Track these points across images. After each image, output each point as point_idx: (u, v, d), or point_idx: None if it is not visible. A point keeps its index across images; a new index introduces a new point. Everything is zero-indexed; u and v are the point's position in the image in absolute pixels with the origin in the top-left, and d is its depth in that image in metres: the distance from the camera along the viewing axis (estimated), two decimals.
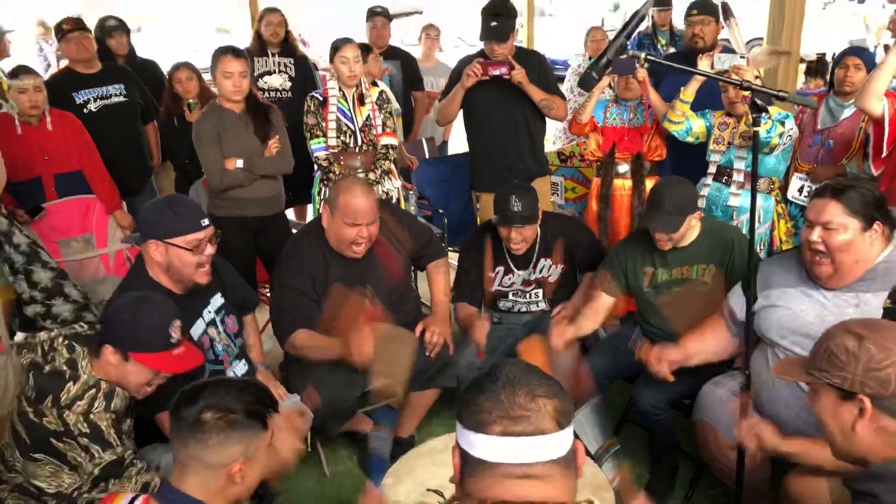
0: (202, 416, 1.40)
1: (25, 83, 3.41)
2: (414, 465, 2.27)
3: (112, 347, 1.79)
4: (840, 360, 1.41)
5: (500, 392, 1.04)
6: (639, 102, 3.61)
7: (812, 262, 2.11)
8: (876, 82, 2.87)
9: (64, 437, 1.70)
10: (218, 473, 1.41)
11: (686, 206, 2.58)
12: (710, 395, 2.44)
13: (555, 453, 1.03)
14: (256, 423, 1.46)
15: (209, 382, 1.48)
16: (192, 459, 1.41)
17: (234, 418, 1.42)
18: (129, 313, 1.81)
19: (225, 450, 1.41)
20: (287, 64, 4.41)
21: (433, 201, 4.46)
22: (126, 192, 4.00)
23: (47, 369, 1.74)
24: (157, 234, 2.17)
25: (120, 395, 1.80)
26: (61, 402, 1.72)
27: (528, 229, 2.83)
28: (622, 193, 3.65)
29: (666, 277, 2.72)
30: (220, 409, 1.41)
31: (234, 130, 3.25)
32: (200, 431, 1.39)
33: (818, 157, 3.47)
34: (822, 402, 1.46)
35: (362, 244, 2.63)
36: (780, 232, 3.43)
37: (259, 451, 1.48)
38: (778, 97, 1.99)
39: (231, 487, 1.44)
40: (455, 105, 3.63)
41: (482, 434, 1.03)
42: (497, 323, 3.17)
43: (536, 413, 1.02)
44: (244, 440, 1.43)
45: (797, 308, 2.17)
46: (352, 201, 2.56)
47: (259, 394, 1.50)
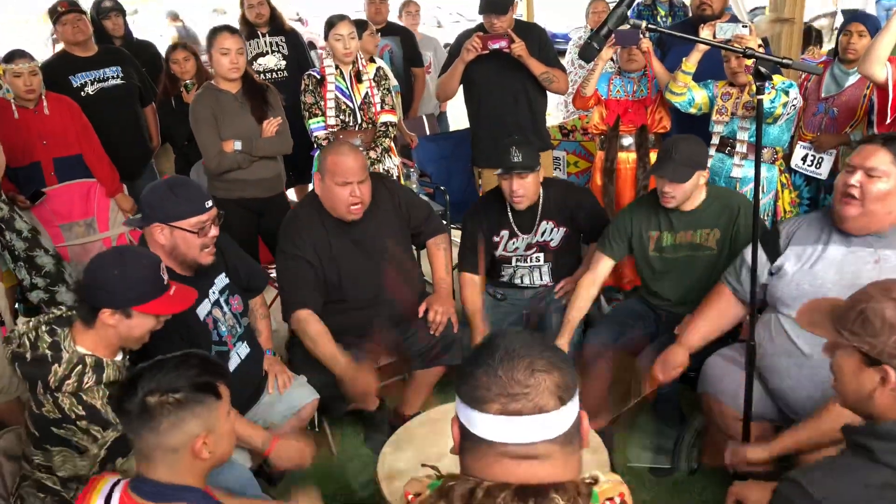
0: (146, 402, 1.35)
1: (20, 67, 3.39)
2: (414, 433, 2.28)
3: (110, 309, 1.75)
4: (874, 326, 1.36)
5: (498, 367, 0.99)
6: (642, 74, 3.57)
7: (842, 202, 2.08)
8: (879, 47, 2.82)
9: (63, 424, 1.70)
10: (182, 454, 1.38)
11: (696, 160, 2.58)
12: (715, 367, 2.44)
13: (555, 431, 0.98)
14: (206, 395, 1.41)
15: (144, 367, 1.42)
16: (151, 448, 1.37)
17: (181, 396, 1.37)
18: (115, 270, 1.76)
19: (181, 430, 1.37)
20: (279, 42, 4.36)
21: (434, 178, 4.43)
22: (126, 176, 3.99)
23: (29, 357, 1.72)
24: (161, 218, 2.15)
25: (111, 365, 1.78)
26: (51, 385, 1.70)
27: (529, 179, 2.84)
28: (626, 166, 3.62)
29: (671, 241, 2.72)
30: (162, 390, 1.36)
31: (231, 111, 3.23)
32: (150, 418, 1.35)
33: (822, 125, 3.44)
34: (844, 360, 1.42)
35: (357, 203, 2.63)
36: (784, 202, 3.41)
37: (219, 421, 1.44)
38: (782, 64, 1.96)
39: (201, 462, 1.41)
40: (455, 80, 3.60)
41: (480, 412, 0.99)
42: (500, 299, 3.16)
43: (536, 389, 0.97)
44: (199, 415, 1.39)
45: (817, 267, 2.16)
46: (339, 160, 2.59)
47: (202, 365, 1.45)
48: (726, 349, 2.49)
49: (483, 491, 0.96)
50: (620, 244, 2.79)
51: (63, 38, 3.96)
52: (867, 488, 1.29)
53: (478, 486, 0.97)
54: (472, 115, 3.78)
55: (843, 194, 2.08)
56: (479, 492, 0.96)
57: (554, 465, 0.99)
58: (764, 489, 1.78)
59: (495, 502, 0.95)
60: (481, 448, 1.00)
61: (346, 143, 2.72)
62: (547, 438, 0.98)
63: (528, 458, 0.98)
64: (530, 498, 0.95)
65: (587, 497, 0.98)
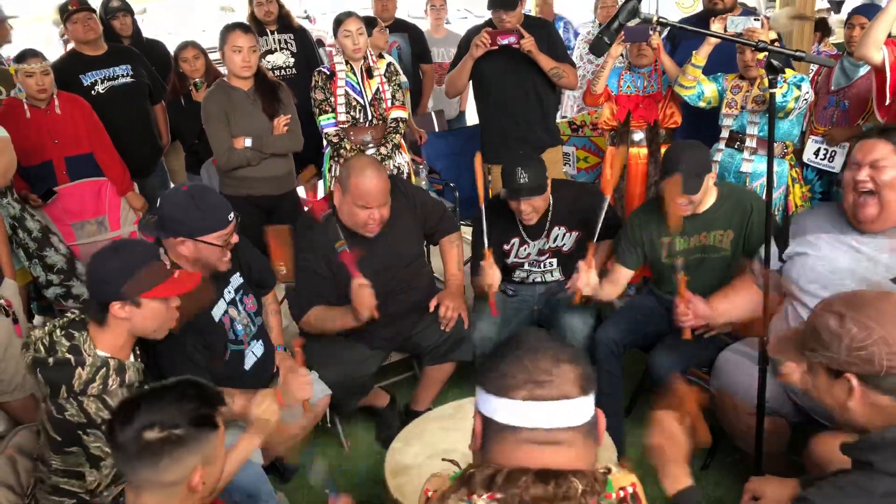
0: (144, 437, 1.29)
1: (32, 67, 3.40)
2: (422, 429, 2.29)
3: (119, 303, 1.74)
4: (824, 339, 1.41)
5: (524, 357, 1.04)
6: (652, 69, 3.55)
7: (857, 203, 2.08)
8: (875, 31, 2.84)
9: (88, 429, 1.69)
10: (178, 488, 1.34)
11: (702, 167, 2.55)
12: (729, 362, 2.43)
13: (578, 419, 1.03)
14: (206, 429, 1.36)
15: (142, 396, 1.37)
16: (145, 482, 1.32)
17: (181, 433, 1.31)
18: (115, 262, 1.76)
19: (181, 466, 1.32)
20: (287, 40, 4.37)
21: (444, 175, 4.42)
22: (137, 174, 4.00)
23: (51, 361, 1.71)
24: (186, 233, 2.11)
25: (131, 367, 1.78)
26: (75, 389, 1.69)
27: (537, 200, 2.79)
28: (637, 162, 3.60)
29: (684, 246, 2.69)
30: (162, 426, 1.30)
31: (243, 109, 3.23)
32: (149, 455, 1.30)
33: (833, 118, 3.42)
34: (816, 379, 1.48)
35: (374, 226, 2.62)
36: (796, 196, 3.39)
37: (216, 451, 1.40)
38: (795, 57, 1.94)
39: (193, 495, 1.37)
40: (464, 76, 3.59)
41: (506, 399, 1.02)
42: (512, 295, 3.16)
43: (560, 378, 1.02)
44: (198, 450, 1.34)
45: (831, 254, 2.16)
46: (363, 184, 2.54)
47: (200, 396, 1.38)
48: (739, 344, 2.48)
49: (504, 476, 0.98)
50: (634, 253, 2.76)
51: (73, 37, 3.97)
52: (871, 497, 1.34)
53: (498, 471, 0.99)
54: (482, 111, 3.78)
55: (855, 193, 2.07)
56: (500, 477, 0.99)
57: (575, 452, 1.02)
58: (781, 485, 1.77)
59: (516, 486, 0.97)
60: (505, 436, 1.03)
61: (371, 164, 2.64)
62: (570, 425, 1.02)
63: (551, 445, 1.01)
64: (551, 481, 0.97)
65: (603, 484, 1.02)
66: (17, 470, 1.88)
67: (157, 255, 1.84)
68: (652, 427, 1.57)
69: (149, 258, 1.82)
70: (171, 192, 2.25)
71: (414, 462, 2.11)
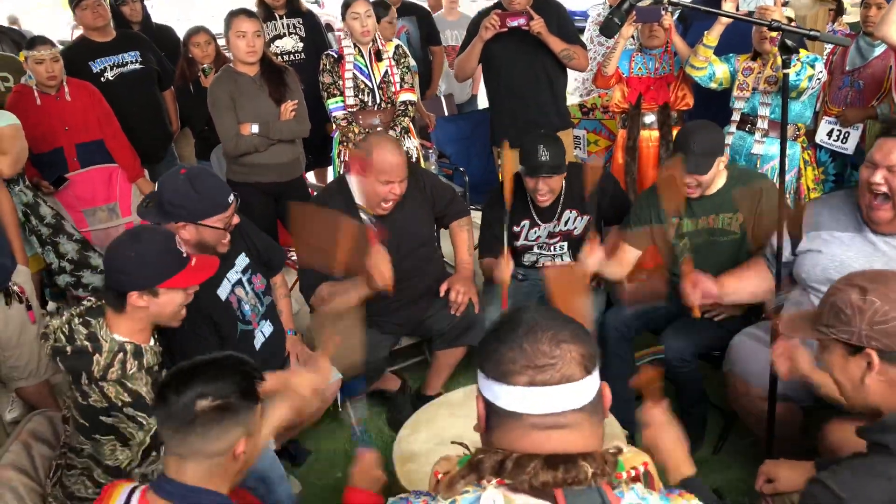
0: (197, 407, 1.33)
1: (42, 54, 3.40)
2: (432, 415, 2.29)
3: (137, 292, 1.75)
4: (845, 314, 1.40)
5: (523, 340, 1.00)
6: (664, 51, 3.51)
7: (871, 205, 2.04)
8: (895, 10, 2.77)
9: (111, 412, 1.71)
10: (222, 459, 1.38)
11: (714, 148, 2.53)
12: (742, 346, 2.41)
13: (582, 399, 1.00)
14: (251, 401, 1.41)
15: (192, 368, 1.40)
16: (192, 452, 1.36)
17: (231, 403, 1.36)
18: (132, 252, 1.76)
19: (228, 436, 1.37)
20: (296, 24, 4.34)
21: (454, 159, 4.41)
22: (147, 160, 4.01)
23: (69, 350, 1.73)
24: (187, 217, 2.13)
25: (149, 351, 1.80)
26: (95, 375, 1.71)
27: (555, 179, 2.78)
28: (649, 145, 3.57)
29: (692, 227, 2.67)
30: (214, 396, 1.35)
31: (249, 94, 3.22)
32: (200, 425, 1.34)
33: (848, 98, 3.37)
34: (830, 357, 1.47)
35: (391, 201, 2.63)
36: (808, 179, 3.36)
37: (258, 424, 1.45)
38: (809, 37, 1.91)
39: (235, 466, 1.41)
40: (473, 59, 3.57)
41: (507, 385, 0.99)
42: (522, 280, 3.15)
43: (562, 360, 0.98)
44: (244, 421, 1.39)
45: (844, 255, 2.13)
46: (387, 158, 2.57)
47: (245, 368, 1.44)
48: (752, 328, 2.47)
49: (513, 462, 0.96)
50: (642, 234, 2.75)
51: (83, 23, 3.96)
52: (890, 481, 1.33)
53: (507, 457, 0.97)
54: (492, 94, 3.75)
55: (870, 194, 2.04)
56: (509, 463, 0.97)
57: (582, 434, 1.00)
58: (795, 468, 1.77)
59: (525, 472, 0.95)
60: (509, 422, 1.00)
61: (390, 139, 2.68)
62: (575, 407, 0.99)
63: (557, 429, 0.99)
64: (560, 466, 0.95)
65: (613, 465, 0.99)
66: (32, 455, 1.90)
67: (175, 243, 1.85)
68: (642, 424, 1.56)
69: (166, 247, 1.82)
70: (169, 177, 2.20)
71: (422, 449, 2.11)
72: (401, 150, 2.65)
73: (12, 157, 2.92)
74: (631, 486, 0.99)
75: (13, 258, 2.62)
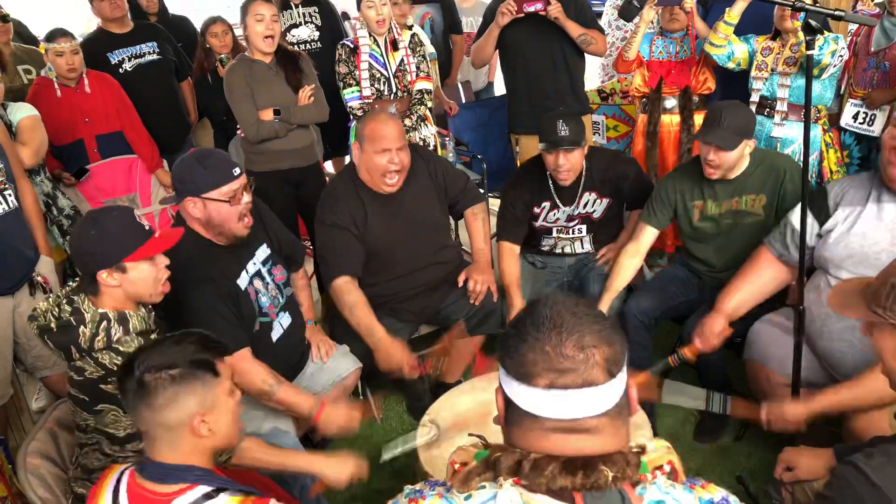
0: (143, 378, 1.36)
1: (62, 46, 3.42)
2: (453, 402, 2.29)
3: (105, 271, 1.76)
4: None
5: (546, 342, 0.94)
6: (685, 34, 3.46)
7: (890, 161, 2.02)
8: None
9: (109, 379, 1.73)
10: (181, 432, 1.38)
11: (745, 129, 2.50)
12: (762, 333, 2.40)
13: (605, 405, 0.95)
14: (203, 372, 1.41)
15: (143, 348, 1.44)
16: (150, 426, 1.38)
17: (177, 372, 1.38)
18: (94, 230, 1.77)
19: (178, 407, 1.37)
20: (312, 13, 4.33)
21: (471, 147, 4.39)
22: (166, 151, 4.03)
23: (54, 326, 1.75)
24: (192, 191, 2.16)
25: (134, 316, 1.80)
26: (83, 347, 1.73)
27: (575, 154, 2.75)
28: (670, 129, 3.53)
29: (716, 210, 2.65)
30: (158, 367, 1.37)
31: (266, 81, 3.22)
32: (146, 394, 1.36)
33: (873, 80, 3.30)
34: (883, 339, 1.39)
35: (395, 173, 2.62)
36: (830, 162, 3.31)
37: (218, 399, 1.43)
38: (834, 17, 1.87)
39: (201, 441, 1.41)
40: (490, 45, 3.54)
41: (527, 386, 0.95)
42: (541, 268, 3.14)
43: (585, 364, 0.93)
44: (195, 392, 1.39)
45: (868, 227, 2.10)
46: (377, 126, 2.58)
47: (200, 342, 1.45)
48: (773, 314, 2.45)
49: (530, 464, 0.93)
50: (664, 213, 2.73)
51: (100, 15, 3.98)
52: None
53: (524, 458, 0.94)
54: (509, 81, 3.72)
55: (893, 151, 2.00)
56: (527, 464, 0.93)
57: (603, 438, 0.95)
58: (816, 455, 1.75)
59: (542, 475, 0.92)
60: (528, 422, 0.97)
61: (382, 110, 2.70)
62: (597, 413, 0.94)
63: (577, 433, 0.95)
64: (578, 471, 0.92)
65: (636, 467, 0.96)
66: (58, 443, 1.93)
67: (134, 218, 1.84)
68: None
69: (126, 222, 1.81)
70: (181, 157, 2.29)
71: (445, 435, 2.12)
72: (394, 119, 2.65)
73: (33, 148, 2.95)
74: (653, 482, 0.96)
75: (36, 249, 2.66)
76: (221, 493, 1.34)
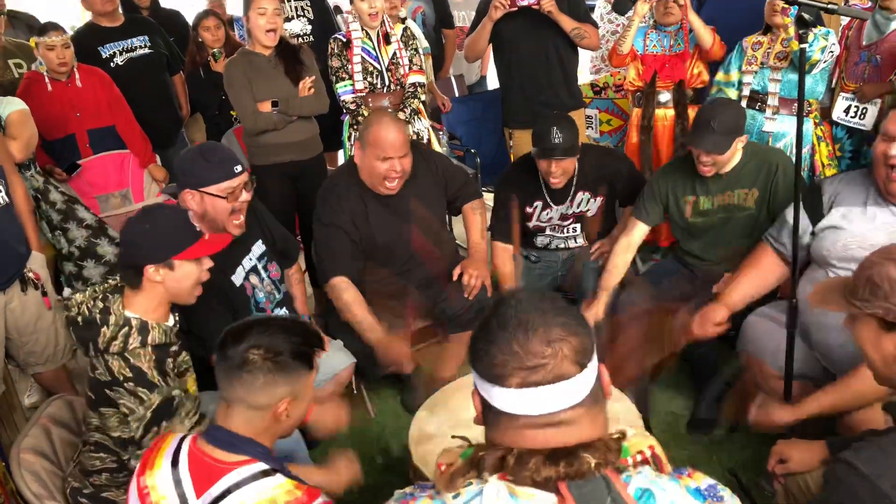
0: (248, 355, 1.40)
1: (53, 40, 3.40)
2: (447, 398, 2.29)
3: (153, 266, 1.78)
4: (882, 289, 1.37)
5: (513, 341, 0.95)
6: (679, 27, 3.46)
7: (889, 178, 2.02)
8: None
9: (114, 386, 1.73)
10: (264, 413, 1.42)
11: (735, 128, 2.50)
12: (756, 326, 2.40)
13: (578, 396, 0.95)
14: (303, 364, 1.46)
15: (256, 321, 1.47)
16: (237, 399, 1.41)
17: (281, 360, 1.41)
18: (148, 225, 1.80)
19: (272, 390, 1.41)
20: (304, 7, 4.31)
21: (465, 141, 4.38)
22: (158, 145, 4.02)
23: (80, 321, 1.77)
24: (192, 184, 2.17)
25: (156, 328, 1.80)
26: (100, 346, 1.74)
27: (568, 162, 2.76)
28: (664, 124, 3.54)
29: (708, 205, 2.66)
30: (267, 349, 1.41)
31: (265, 74, 3.20)
32: (247, 372, 1.39)
33: (865, 74, 3.31)
34: (863, 331, 1.44)
35: (395, 179, 2.61)
36: (822, 155, 3.32)
37: (305, 390, 1.49)
38: (827, 10, 1.87)
39: (277, 425, 1.45)
40: (483, 39, 3.54)
41: (500, 387, 0.96)
42: (535, 262, 3.14)
43: (554, 359, 0.94)
44: (290, 381, 1.43)
45: (865, 229, 2.10)
46: (383, 134, 2.55)
47: (306, 334, 1.49)
48: (766, 307, 2.45)
49: (514, 458, 0.94)
50: (655, 210, 2.74)
51: (91, 9, 3.95)
52: None
53: (508, 453, 0.95)
54: (502, 75, 3.72)
55: (886, 167, 2.01)
56: (511, 458, 0.94)
57: (580, 427, 0.96)
58: (808, 448, 1.76)
59: (526, 468, 0.93)
60: (505, 420, 0.97)
61: (388, 114, 2.67)
62: (571, 405, 0.95)
63: (554, 426, 0.95)
64: (561, 461, 0.93)
65: (617, 452, 0.97)
66: (52, 439, 1.92)
67: (187, 218, 1.88)
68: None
69: (180, 221, 1.86)
70: (186, 149, 2.33)
71: (438, 431, 2.12)
72: (401, 125, 2.63)
73: (23, 142, 2.94)
74: (639, 470, 0.97)
75: (28, 245, 2.64)
76: (278, 474, 1.37)
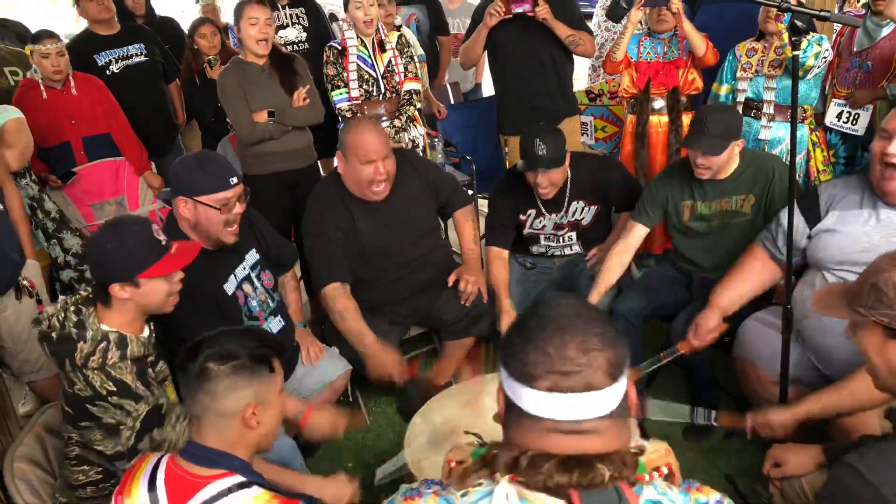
0: (206, 365, 1.41)
1: (48, 48, 3.39)
2: (442, 405, 2.29)
3: (118, 284, 1.75)
4: (888, 297, 1.36)
5: (549, 344, 0.94)
6: (672, 34, 3.48)
7: (883, 177, 2.03)
8: None
9: (96, 401, 1.71)
10: (233, 421, 1.42)
11: (731, 132, 2.51)
12: (751, 331, 2.41)
13: (606, 408, 0.95)
14: (262, 367, 1.46)
15: (208, 335, 1.48)
16: (204, 411, 1.42)
17: (239, 363, 1.43)
18: (111, 243, 1.77)
19: (235, 394, 1.42)
20: (299, 14, 4.32)
21: (460, 147, 4.39)
22: (153, 153, 4.01)
23: (55, 336, 1.74)
24: (186, 192, 2.16)
25: (134, 341, 1.79)
26: (77, 362, 1.72)
27: (555, 173, 2.75)
28: (658, 130, 3.55)
29: (706, 211, 2.66)
30: (222, 356, 1.42)
31: (260, 84, 3.20)
32: (207, 381, 1.41)
33: (856, 80, 3.33)
34: (867, 338, 1.42)
35: (382, 182, 2.61)
36: (817, 161, 3.34)
37: (270, 395, 1.48)
38: (820, 17, 1.88)
39: (248, 433, 1.45)
40: (478, 47, 3.55)
41: (529, 388, 0.95)
42: (530, 268, 3.14)
43: (588, 367, 0.93)
44: (252, 384, 1.44)
45: (859, 231, 2.11)
46: (361, 138, 2.56)
47: (262, 338, 1.50)
48: (761, 313, 2.46)
49: (527, 460, 0.94)
50: (655, 212, 2.74)
51: (87, 16, 3.95)
52: None
53: (522, 454, 0.94)
54: (497, 82, 3.73)
55: (882, 165, 2.01)
56: (524, 460, 0.94)
57: (602, 438, 0.96)
58: (804, 451, 1.76)
59: (540, 472, 0.92)
60: (528, 422, 0.96)
61: (365, 119, 2.69)
62: (598, 416, 0.95)
63: (577, 434, 0.95)
64: (575, 469, 0.92)
65: (633, 467, 0.96)
66: (46, 447, 1.91)
67: (152, 231, 1.83)
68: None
69: (143, 236, 1.80)
70: (183, 156, 2.32)
71: (433, 438, 2.11)
72: (378, 128, 2.64)
73: (18, 151, 2.93)
74: (650, 483, 0.97)
75: (22, 253, 2.63)
76: (254, 486, 1.37)
